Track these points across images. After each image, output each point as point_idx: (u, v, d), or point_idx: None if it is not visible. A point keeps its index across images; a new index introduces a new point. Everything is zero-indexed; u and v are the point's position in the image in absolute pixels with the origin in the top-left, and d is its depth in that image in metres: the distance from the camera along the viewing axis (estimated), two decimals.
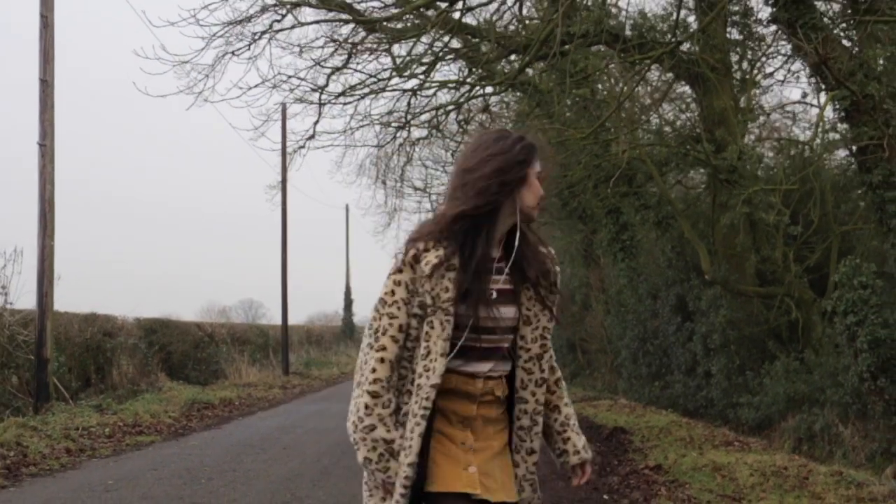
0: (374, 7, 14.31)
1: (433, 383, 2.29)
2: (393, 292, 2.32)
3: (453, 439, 2.35)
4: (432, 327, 2.30)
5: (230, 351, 18.75)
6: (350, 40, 13.20)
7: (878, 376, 9.41)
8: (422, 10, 13.52)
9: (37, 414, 9.81)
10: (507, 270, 2.39)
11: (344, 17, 12.62)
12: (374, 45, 13.90)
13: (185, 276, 79.64)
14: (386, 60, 12.88)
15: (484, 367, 2.36)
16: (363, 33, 13.74)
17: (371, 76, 12.42)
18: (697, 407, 13.61)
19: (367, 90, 12.74)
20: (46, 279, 10.49)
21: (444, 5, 11.13)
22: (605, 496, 6.31)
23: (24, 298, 11.37)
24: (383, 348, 2.30)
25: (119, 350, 14.07)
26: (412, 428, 2.28)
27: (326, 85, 13.24)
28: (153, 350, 15.82)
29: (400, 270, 2.33)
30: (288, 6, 12.20)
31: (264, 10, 11.07)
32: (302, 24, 11.23)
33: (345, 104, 12.50)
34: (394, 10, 14.31)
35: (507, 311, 2.38)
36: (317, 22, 11.42)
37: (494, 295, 2.36)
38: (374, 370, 2.29)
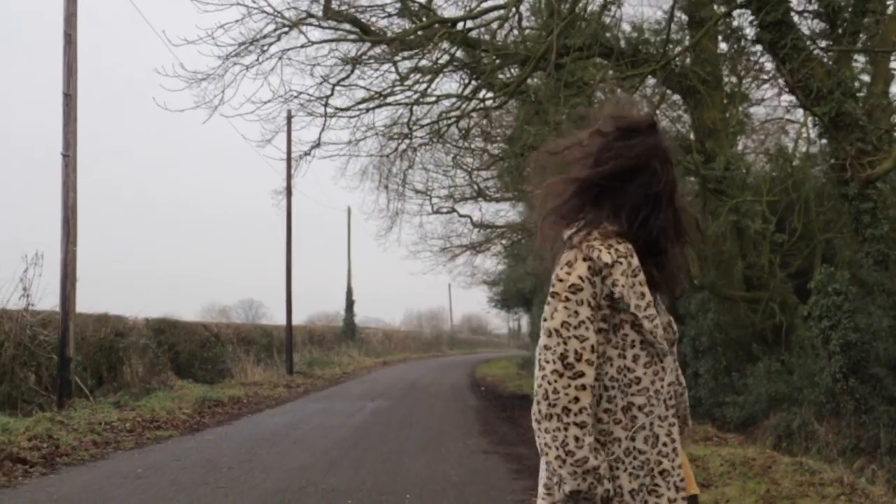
0: (378, 16, 15.13)
1: (670, 381, 2.28)
2: (577, 313, 2.23)
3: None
4: (639, 332, 2.26)
5: (236, 351, 19.52)
6: (356, 55, 13.95)
7: (849, 377, 10.16)
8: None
9: (61, 409, 10.56)
10: None
11: (348, 30, 13.37)
12: (379, 55, 14.66)
13: (185, 275, 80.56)
14: (391, 75, 13.60)
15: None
16: (367, 45, 14.50)
17: (377, 93, 13.15)
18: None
19: (370, 103, 13.45)
20: (69, 283, 11.26)
21: (448, 24, 11.83)
22: None
23: (45, 300, 12.10)
24: (581, 374, 2.20)
25: (131, 349, 14.82)
26: (668, 432, 2.26)
27: (332, 94, 13.98)
28: (162, 349, 16.56)
29: (580, 289, 2.24)
30: (293, 24, 12.99)
31: (276, 29, 11.81)
32: (312, 43, 11.96)
33: (350, 117, 13.23)
34: (397, 21, 15.13)
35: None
36: (325, 41, 12.15)
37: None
38: (577, 399, 2.20)
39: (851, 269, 11.57)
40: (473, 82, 16.16)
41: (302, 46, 11.92)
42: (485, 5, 12.10)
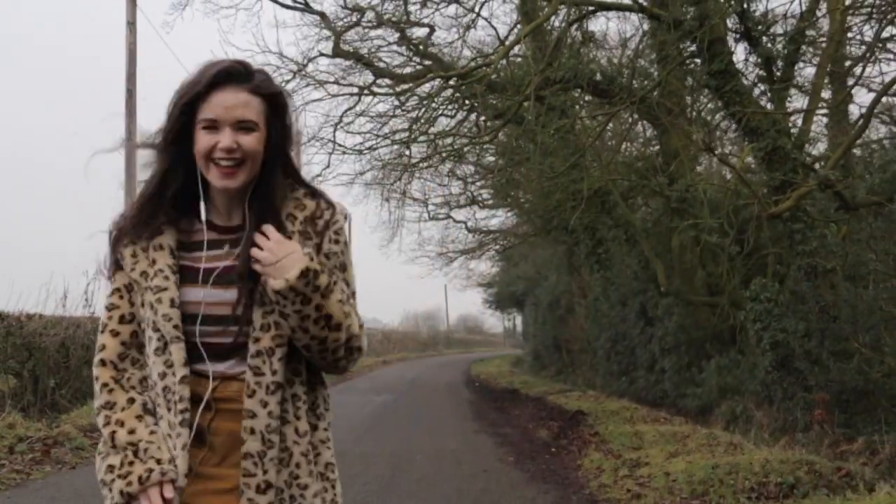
0: (379, 45, 17.84)
1: (182, 375, 2.03)
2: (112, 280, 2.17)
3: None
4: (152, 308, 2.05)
5: None
6: (362, 87, 16.66)
7: (777, 370, 12.80)
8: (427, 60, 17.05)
9: None
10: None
11: (350, 86, 16.10)
12: (383, 86, 17.34)
13: None
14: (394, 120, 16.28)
15: (220, 366, 2.06)
16: (372, 78, 17.21)
17: (379, 136, 15.82)
18: (655, 398, 16.99)
19: (373, 142, 16.14)
20: None
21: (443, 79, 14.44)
22: (554, 449, 9.76)
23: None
24: (102, 348, 2.10)
25: None
26: (174, 445, 2.01)
27: (340, 122, 16.66)
28: None
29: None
30: (302, 65, 15.73)
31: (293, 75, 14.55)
32: (333, 96, 14.65)
33: (359, 153, 15.92)
34: (396, 48, 17.84)
35: (226, 294, 2.05)
36: (339, 95, 14.84)
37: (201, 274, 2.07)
38: (97, 377, 2.11)
39: (786, 280, 14.19)
40: (467, 102, 18.76)
41: (321, 99, 14.61)
42: (472, 65, 14.64)
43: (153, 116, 2.20)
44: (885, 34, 13.78)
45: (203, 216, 2.09)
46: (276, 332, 2.03)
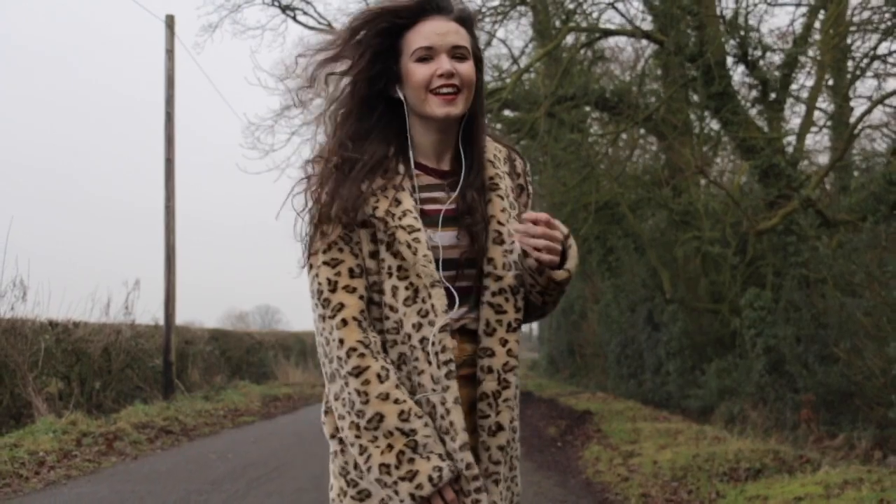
0: None
1: (442, 325, 1.94)
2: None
3: None
4: (395, 254, 1.97)
5: (277, 355, 23.61)
6: None
7: (770, 373, 14.05)
8: None
9: (167, 401, 14.55)
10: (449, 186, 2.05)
11: None
12: None
13: (202, 282, 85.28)
14: None
15: (454, 313, 2.00)
16: None
17: None
18: (661, 399, 18.25)
19: None
20: (171, 304, 15.33)
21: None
22: (560, 444, 11.08)
23: (141, 316, 16.15)
24: (341, 307, 1.96)
25: (198, 355, 18.86)
26: (443, 400, 1.92)
27: None
28: (217, 354, 20.61)
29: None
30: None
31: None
32: None
33: None
34: None
35: (455, 237, 2.01)
36: None
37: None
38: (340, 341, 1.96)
39: (782, 289, 15.42)
40: None
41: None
42: (492, 85, 15.92)
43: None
44: (881, 51, 15.03)
45: (412, 157, 2.03)
46: (517, 272, 2.01)
